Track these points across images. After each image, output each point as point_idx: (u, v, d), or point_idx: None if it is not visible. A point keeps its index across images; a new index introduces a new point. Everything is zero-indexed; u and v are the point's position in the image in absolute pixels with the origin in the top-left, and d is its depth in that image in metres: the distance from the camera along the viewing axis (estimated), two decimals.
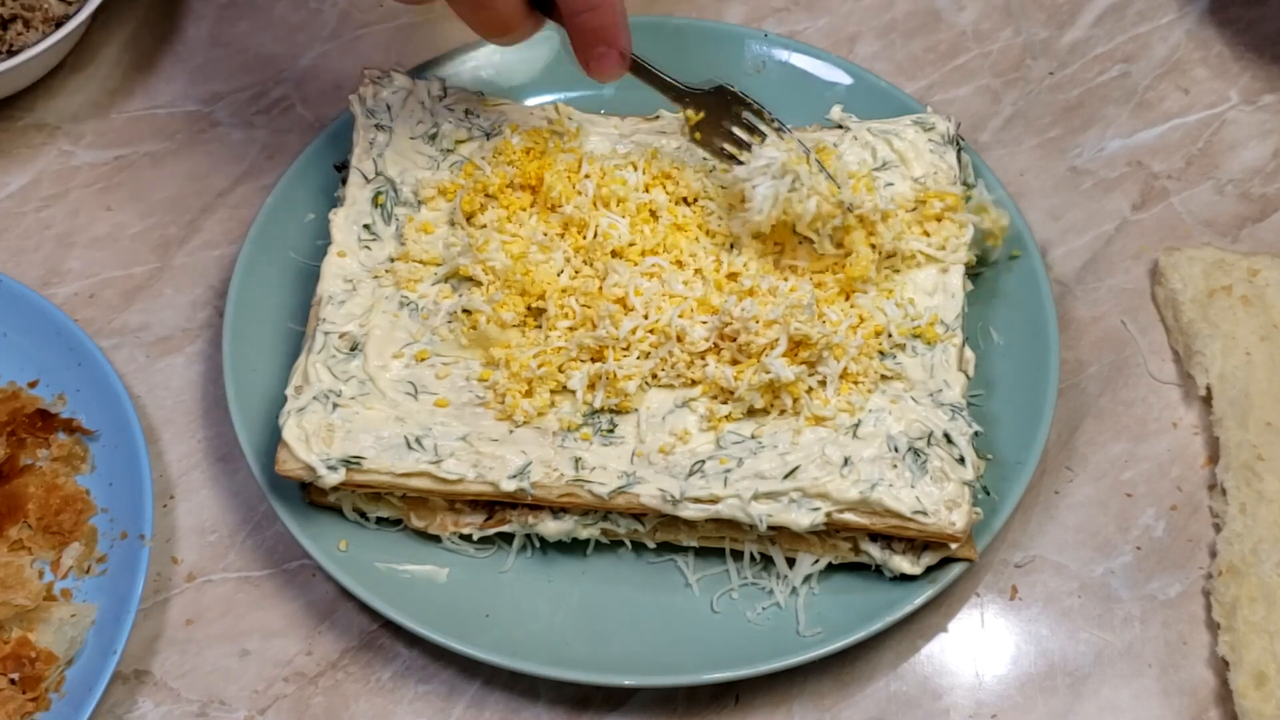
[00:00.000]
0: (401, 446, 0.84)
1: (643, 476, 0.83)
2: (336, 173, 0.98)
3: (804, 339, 0.84)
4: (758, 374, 0.84)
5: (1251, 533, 0.87)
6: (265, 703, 0.85)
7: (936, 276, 0.91)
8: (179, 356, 0.97)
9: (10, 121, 1.08)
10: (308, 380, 0.86)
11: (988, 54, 1.12)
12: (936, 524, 0.81)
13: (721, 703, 0.85)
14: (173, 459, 0.93)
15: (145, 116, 1.09)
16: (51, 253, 1.02)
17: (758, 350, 0.85)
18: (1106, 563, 0.89)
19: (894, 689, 0.85)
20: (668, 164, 0.94)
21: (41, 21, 1.04)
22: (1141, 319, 0.99)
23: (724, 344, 0.86)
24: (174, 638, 0.87)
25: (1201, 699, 0.85)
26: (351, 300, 0.89)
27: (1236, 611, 0.85)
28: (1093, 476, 0.92)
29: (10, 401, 0.91)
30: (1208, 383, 0.93)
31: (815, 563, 0.85)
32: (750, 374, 0.84)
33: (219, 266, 1.01)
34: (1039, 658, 0.86)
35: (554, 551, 0.87)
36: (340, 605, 0.88)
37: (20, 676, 0.82)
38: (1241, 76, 1.10)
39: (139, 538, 0.86)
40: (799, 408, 0.85)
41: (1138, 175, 1.05)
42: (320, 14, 1.14)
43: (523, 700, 0.85)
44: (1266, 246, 1.02)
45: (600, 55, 0.82)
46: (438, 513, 0.86)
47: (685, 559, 0.87)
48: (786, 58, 1.04)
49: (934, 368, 0.87)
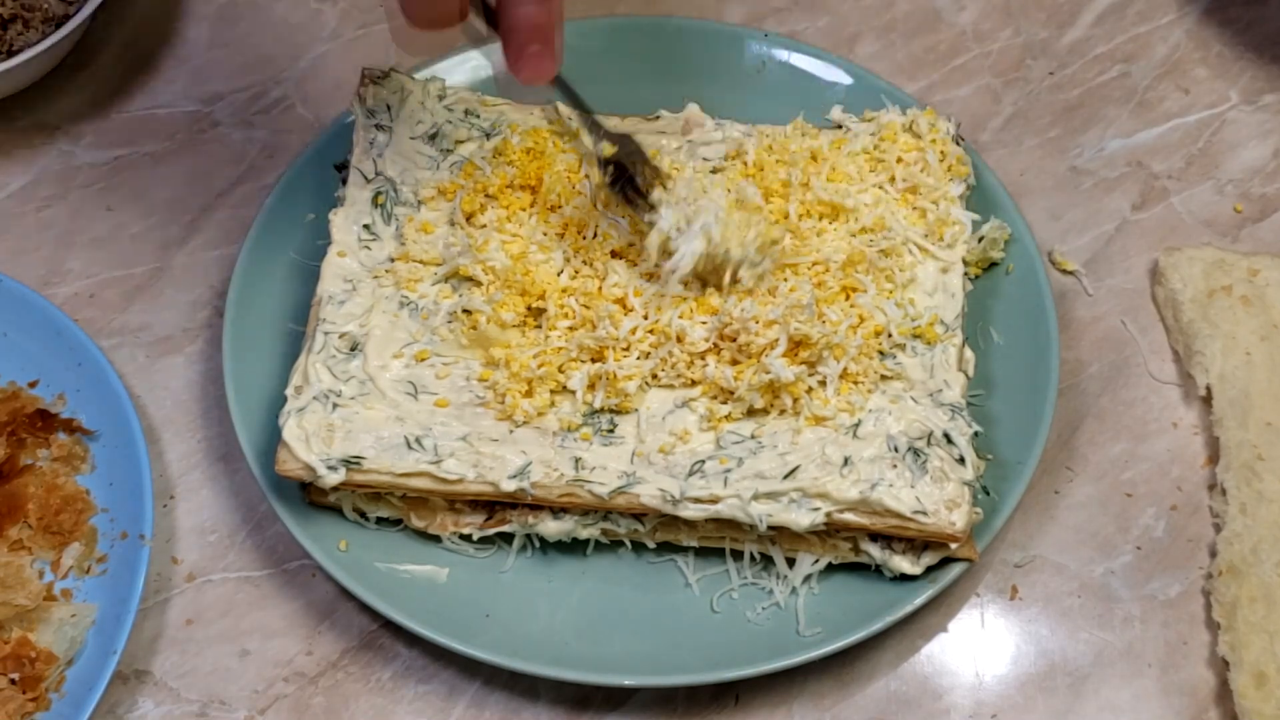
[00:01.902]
0: (401, 446, 0.84)
1: (643, 476, 0.83)
2: (336, 173, 0.98)
3: (804, 339, 0.84)
4: (758, 374, 0.84)
5: (1251, 533, 0.87)
6: (265, 703, 0.85)
7: (936, 276, 0.91)
8: (179, 356, 0.97)
9: (10, 121, 1.08)
10: (308, 380, 0.86)
11: (988, 54, 1.12)
12: (936, 524, 0.81)
13: (721, 703, 0.85)
14: (173, 459, 0.93)
15: (145, 116, 1.09)
16: (51, 253, 1.02)
17: (758, 350, 0.85)
18: (1106, 563, 0.89)
19: (894, 689, 0.85)
20: (667, 164, 0.94)
21: (41, 21, 1.04)
22: (1141, 319, 0.99)
23: (724, 344, 0.86)
24: (174, 638, 0.87)
25: (1201, 699, 0.85)
26: (351, 300, 0.89)
27: (1236, 611, 0.85)
28: (1093, 476, 0.92)
29: (10, 401, 0.91)
30: (1208, 383, 0.93)
31: (815, 563, 0.85)
32: (750, 374, 0.84)
33: (219, 266, 1.01)
34: (1039, 658, 0.86)
35: (554, 551, 0.87)
36: (340, 605, 0.88)
37: (20, 676, 0.82)
38: (1241, 76, 1.10)
39: (139, 538, 0.86)
40: (799, 408, 0.85)
41: (1138, 175, 1.05)
42: (320, 14, 1.14)
43: (523, 700, 0.85)
44: (1266, 246, 1.02)
45: (534, 54, 0.76)
46: (438, 513, 0.86)
47: (685, 559, 0.87)
48: (786, 58, 1.04)
49: (934, 368, 0.87)
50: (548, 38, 0.76)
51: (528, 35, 0.75)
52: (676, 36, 1.05)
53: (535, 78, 0.77)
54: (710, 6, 1.14)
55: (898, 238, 0.91)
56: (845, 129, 0.98)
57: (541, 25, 0.75)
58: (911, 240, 0.92)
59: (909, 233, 0.92)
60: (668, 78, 1.03)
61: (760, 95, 1.03)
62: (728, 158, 0.96)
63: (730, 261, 0.86)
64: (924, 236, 0.92)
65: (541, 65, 0.77)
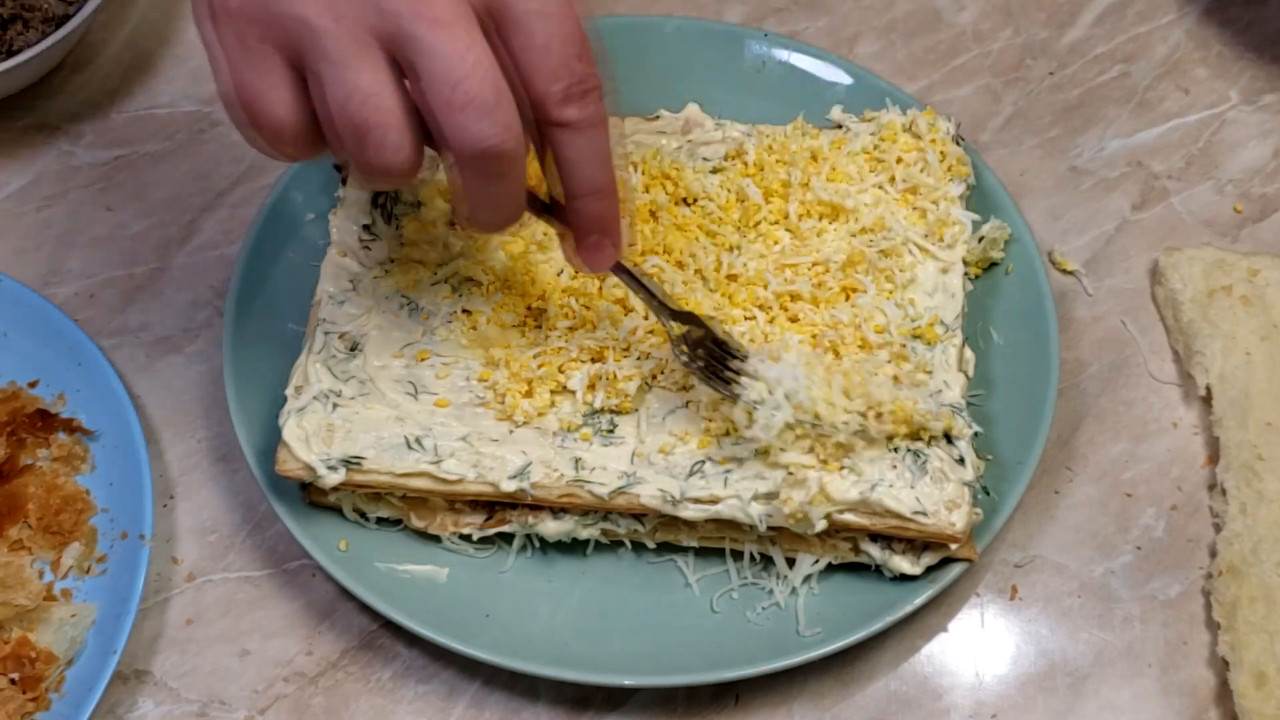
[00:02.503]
0: (401, 446, 0.84)
1: (643, 477, 0.83)
2: (336, 172, 0.98)
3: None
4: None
5: (1251, 533, 0.87)
6: (265, 703, 0.85)
7: (936, 276, 0.91)
8: (179, 356, 0.97)
9: (10, 121, 1.08)
10: (308, 380, 0.86)
11: (988, 54, 1.12)
12: (936, 524, 0.81)
13: (721, 703, 0.85)
14: (173, 459, 0.93)
15: (145, 116, 1.09)
16: (51, 253, 1.02)
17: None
18: (1106, 563, 0.89)
19: (894, 689, 0.85)
20: (668, 164, 0.94)
21: (41, 21, 1.04)
22: (1141, 319, 0.99)
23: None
24: (174, 638, 0.87)
25: (1201, 699, 0.85)
26: (351, 300, 0.89)
27: (1236, 611, 0.85)
28: (1093, 476, 0.92)
29: (10, 401, 0.91)
30: (1208, 383, 0.93)
31: (815, 563, 0.85)
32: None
33: (219, 266, 1.01)
34: (1039, 658, 0.86)
35: (554, 551, 0.87)
36: (340, 605, 0.88)
37: (20, 676, 0.82)
38: (1241, 76, 1.10)
39: (139, 538, 0.86)
40: None
41: (1138, 175, 1.05)
42: None
43: (523, 700, 0.85)
44: (1266, 246, 1.02)
45: (593, 244, 0.77)
46: (438, 513, 0.86)
47: (685, 559, 0.87)
48: (786, 58, 1.04)
49: (934, 368, 0.87)
50: (613, 230, 0.77)
51: (592, 225, 0.76)
52: (676, 36, 1.05)
53: (599, 269, 0.79)
54: (710, 6, 1.14)
55: (898, 238, 0.91)
56: (845, 129, 0.98)
57: (606, 218, 0.76)
58: (911, 240, 0.92)
59: (909, 233, 0.92)
60: (668, 78, 1.03)
61: (760, 95, 1.03)
62: (728, 157, 0.96)
63: (824, 429, 0.81)
64: (924, 237, 0.92)
65: (604, 257, 0.78)
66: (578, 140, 0.71)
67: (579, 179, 0.73)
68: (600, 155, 0.73)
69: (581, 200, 0.74)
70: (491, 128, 0.66)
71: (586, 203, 0.75)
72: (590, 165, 0.73)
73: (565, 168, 0.73)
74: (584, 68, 0.70)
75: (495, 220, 0.74)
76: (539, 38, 0.68)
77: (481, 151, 0.67)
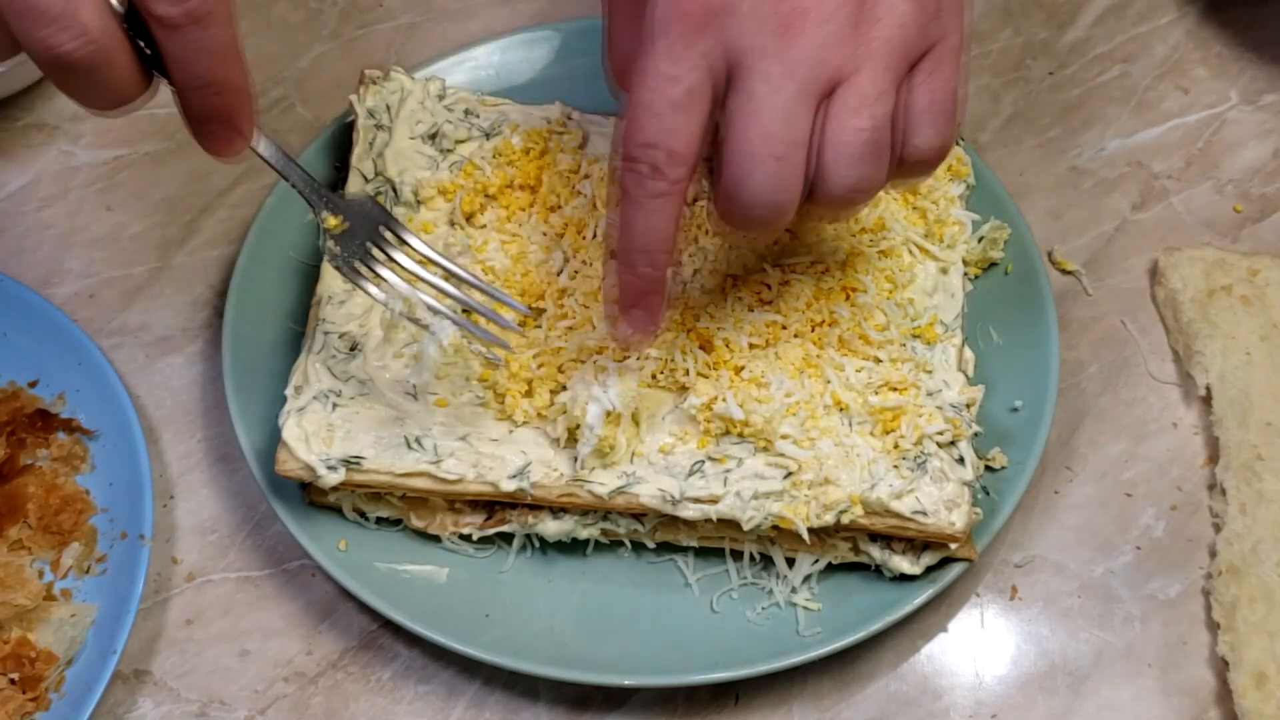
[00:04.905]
0: (401, 446, 0.84)
1: (642, 476, 0.83)
2: (336, 172, 0.98)
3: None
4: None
5: (1251, 533, 0.87)
6: (265, 703, 0.85)
7: (936, 276, 0.91)
8: (179, 356, 0.97)
9: (10, 121, 1.08)
10: (307, 380, 0.86)
11: (988, 54, 1.12)
12: (936, 524, 0.81)
13: (721, 703, 0.85)
14: (173, 459, 0.93)
15: (145, 116, 1.08)
16: (51, 253, 1.02)
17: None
18: (1106, 563, 0.89)
19: (894, 689, 0.85)
20: None
21: None
22: (1141, 319, 0.99)
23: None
24: (174, 638, 0.87)
25: (1201, 699, 0.85)
26: (351, 300, 0.89)
27: (1236, 611, 0.85)
28: (1093, 476, 0.92)
29: (10, 401, 0.91)
30: (1208, 383, 0.93)
31: (815, 563, 0.85)
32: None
33: (219, 266, 1.01)
34: (1039, 658, 0.86)
35: (554, 551, 0.87)
36: (340, 605, 0.88)
37: (20, 676, 0.82)
38: (1241, 76, 1.10)
39: (139, 538, 0.86)
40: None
41: (1138, 175, 1.05)
42: (320, 14, 1.14)
43: (523, 700, 0.85)
44: (1266, 246, 1.02)
45: (210, 133, 0.73)
46: (438, 513, 0.86)
47: (685, 559, 0.87)
48: None
49: (934, 368, 0.87)
50: (232, 119, 0.73)
51: (201, 117, 0.73)
52: None
53: (217, 154, 0.75)
54: None
55: (897, 238, 0.91)
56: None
57: (221, 110, 0.73)
58: (911, 240, 0.91)
59: (908, 233, 0.92)
60: None
61: None
62: None
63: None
64: (923, 237, 0.92)
65: (220, 141, 0.74)
66: (174, 38, 0.68)
67: (178, 74, 0.70)
68: (207, 51, 0.69)
69: (187, 94, 0.71)
70: (59, 34, 0.64)
71: (191, 96, 0.71)
72: (193, 62, 0.69)
73: (166, 63, 0.69)
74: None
75: (106, 97, 0.70)
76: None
77: (50, 60, 0.65)
